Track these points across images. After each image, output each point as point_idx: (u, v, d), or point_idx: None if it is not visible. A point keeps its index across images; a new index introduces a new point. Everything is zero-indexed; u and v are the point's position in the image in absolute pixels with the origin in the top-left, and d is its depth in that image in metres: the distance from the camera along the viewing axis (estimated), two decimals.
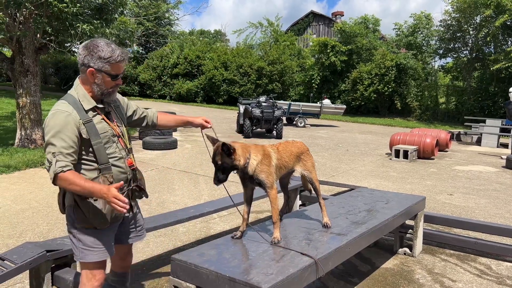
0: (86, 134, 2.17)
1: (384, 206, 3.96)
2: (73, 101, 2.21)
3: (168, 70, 32.24)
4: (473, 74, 23.99)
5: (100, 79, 2.21)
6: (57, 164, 2.09)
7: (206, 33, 49.01)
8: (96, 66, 2.18)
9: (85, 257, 2.27)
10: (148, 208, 5.67)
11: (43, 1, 8.30)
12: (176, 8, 28.61)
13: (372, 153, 11.63)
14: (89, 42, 2.23)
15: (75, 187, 2.12)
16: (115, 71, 2.23)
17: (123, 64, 2.27)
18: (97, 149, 2.21)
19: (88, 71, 2.19)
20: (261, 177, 2.72)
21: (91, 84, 2.24)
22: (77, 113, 2.17)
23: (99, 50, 2.18)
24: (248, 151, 2.70)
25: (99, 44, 2.20)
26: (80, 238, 2.26)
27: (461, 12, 22.17)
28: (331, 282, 3.64)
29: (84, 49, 2.20)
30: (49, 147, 2.13)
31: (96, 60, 2.17)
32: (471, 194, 7.18)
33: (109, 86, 2.25)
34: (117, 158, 2.30)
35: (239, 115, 14.89)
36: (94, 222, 2.22)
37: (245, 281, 2.19)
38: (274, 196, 2.76)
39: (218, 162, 2.57)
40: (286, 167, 3.01)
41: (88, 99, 2.24)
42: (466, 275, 3.87)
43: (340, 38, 27.35)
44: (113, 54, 2.20)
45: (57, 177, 2.10)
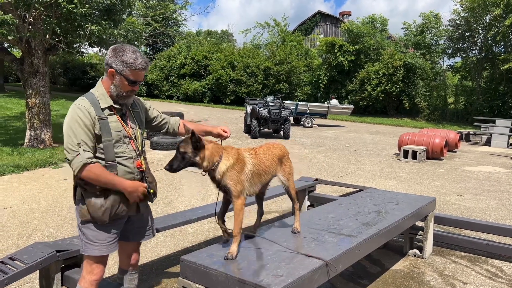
0: (98, 130, 2.26)
1: (394, 207, 3.92)
2: (92, 98, 2.32)
3: (175, 71, 32.36)
4: (483, 74, 23.76)
5: (118, 81, 2.32)
6: (85, 154, 2.19)
7: (213, 34, 49.09)
8: (117, 68, 2.30)
9: (87, 250, 2.37)
10: (156, 208, 5.67)
11: (53, 2, 8.36)
12: (183, 9, 28.65)
13: (380, 153, 11.56)
14: (118, 45, 2.37)
15: (102, 179, 2.24)
16: (133, 77, 2.33)
17: (143, 73, 2.37)
18: (105, 146, 2.28)
19: (109, 71, 2.32)
20: (228, 184, 2.49)
21: (110, 84, 2.35)
22: (93, 109, 2.27)
23: (123, 54, 2.30)
24: (218, 154, 2.48)
25: (126, 49, 2.32)
26: (84, 231, 2.36)
27: (470, 11, 21.97)
28: (341, 284, 3.61)
29: (112, 50, 2.34)
30: (71, 138, 2.20)
31: (118, 62, 2.29)
32: (481, 195, 7.10)
33: (125, 89, 2.34)
34: (125, 158, 2.36)
35: (246, 115, 14.89)
36: (94, 217, 2.29)
37: (255, 283, 2.17)
38: (239, 207, 2.49)
39: (180, 149, 2.44)
40: (267, 172, 2.74)
41: (106, 98, 2.34)
42: (478, 277, 3.82)
43: (347, 38, 27.24)
44: (135, 61, 2.31)
45: (84, 168, 2.19)
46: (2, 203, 5.81)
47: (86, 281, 2.41)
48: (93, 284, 2.42)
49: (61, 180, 7.16)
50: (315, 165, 9.38)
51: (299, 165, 9.36)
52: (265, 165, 2.72)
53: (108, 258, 2.48)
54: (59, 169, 8.05)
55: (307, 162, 9.74)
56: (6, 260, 2.69)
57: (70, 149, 2.20)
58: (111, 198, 2.31)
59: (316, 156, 10.64)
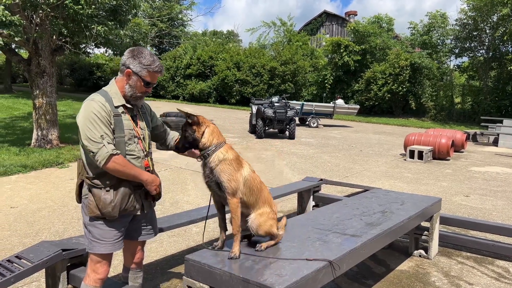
0: (113, 125, 2.32)
1: (399, 208, 3.90)
2: (106, 95, 2.37)
3: (181, 71, 32.43)
4: (490, 74, 23.57)
5: (134, 82, 2.38)
6: (109, 146, 2.24)
7: (218, 34, 49.13)
8: (135, 69, 2.37)
9: (93, 248, 2.39)
10: (162, 208, 5.70)
11: (59, 3, 8.42)
12: (189, 9, 28.76)
13: (386, 153, 11.52)
14: (136, 48, 2.45)
15: (127, 170, 2.30)
16: (149, 79, 2.40)
17: (158, 75, 2.45)
18: (117, 142, 2.33)
19: (126, 71, 2.38)
20: (222, 177, 2.44)
21: (125, 84, 2.40)
22: (109, 105, 2.33)
23: (141, 57, 2.37)
24: (218, 140, 2.50)
25: (144, 52, 2.41)
26: (90, 229, 2.39)
27: (477, 10, 21.80)
28: (345, 284, 3.61)
29: (130, 52, 2.41)
30: (92, 131, 2.23)
31: (136, 64, 2.36)
32: (488, 195, 7.05)
33: (139, 90, 2.41)
34: (134, 157, 2.42)
35: (252, 116, 14.89)
36: (103, 212, 2.31)
37: (259, 282, 2.18)
38: (234, 206, 2.47)
39: (183, 128, 2.55)
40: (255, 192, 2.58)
41: (119, 97, 2.40)
42: (484, 278, 3.80)
43: (353, 37, 27.15)
44: (153, 63, 2.39)
45: (110, 159, 2.23)
46: (9, 202, 5.86)
47: (91, 279, 2.44)
48: (98, 282, 2.44)
49: (67, 180, 7.21)
50: (321, 165, 9.36)
51: (304, 165, 9.35)
52: (258, 181, 2.63)
53: (113, 256, 2.51)
54: (65, 169, 8.11)
55: (312, 162, 9.72)
56: (13, 259, 2.72)
57: (93, 142, 2.22)
58: (120, 193, 2.35)
59: (321, 156, 10.62)
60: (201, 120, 2.54)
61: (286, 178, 7.82)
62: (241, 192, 2.50)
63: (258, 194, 2.62)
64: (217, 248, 2.63)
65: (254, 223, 2.59)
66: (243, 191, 2.52)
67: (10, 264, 2.66)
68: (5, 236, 4.57)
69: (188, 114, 2.51)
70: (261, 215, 2.61)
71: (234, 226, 2.52)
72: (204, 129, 2.52)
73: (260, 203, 2.63)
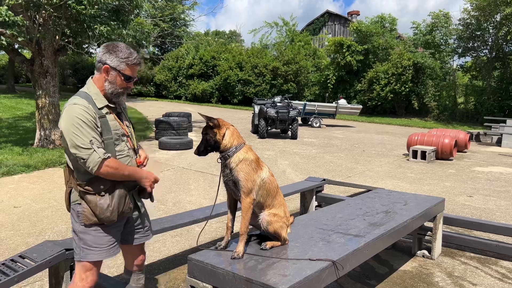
0: (100, 128, 2.23)
1: (402, 208, 3.89)
2: (86, 97, 2.26)
3: (183, 71, 32.48)
4: (493, 73, 23.49)
5: (113, 77, 2.29)
6: (99, 150, 2.16)
7: (221, 34, 49.16)
8: (112, 64, 2.27)
9: (86, 256, 2.29)
10: (164, 207, 5.70)
11: (62, 4, 8.44)
12: (191, 9, 28.73)
13: (389, 153, 11.49)
14: (110, 43, 2.35)
15: (124, 172, 2.25)
16: (129, 72, 2.31)
17: (137, 68, 2.36)
18: (107, 144, 2.25)
19: (104, 67, 2.28)
20: (240, 176, 2.49)
21: (104, 82, 2.30)
22: (92, 107, 2.22)
23: (118, 50, 2.28)
24: (238, 141, 2.55)
25: (119, 45, 2.31)
26: (83, 237, 2.28)
27: (481, 10, 21.73)
28: (348, 284, 3.60)
29: (104, 47, 2.31)
30: (81, 137, 2.14)
31: (113, 58, 2.27)
32: (492, 196, 7.03)
33: (120, 86, 2.32)
34: (124, 156, 2.35)
35: (254, 116, 14.89)
36: (102, 217, 2.23)
37: (262, 282, 2.17)
38: (247, 206, 2.50)
39: (203, 132, 2.56)
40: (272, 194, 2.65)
41: (101, 98, 2.30)
42: (487, 278, 3.78)
43: (356, 37, 27.11)
44: (130, 56, 2.30)
45: (103, 164, 2.15)
46: (12, 202, 5.88)
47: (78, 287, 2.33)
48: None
49: None
50: (323, 165, 9.35)
51: (307, 165, 9.34)
52: (275, 185, 2.71)
53: (102, 263, 2.41)
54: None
55: (315, 162, 9.71)
56: (16, 258, 2.72)
57: (82, 148, 2.13)
58: (116, 196, 2.27)
59: (324, 156, 10.61)
60: (221, 122, 2.55)
61: (289, 178, 7.81)
62: (256, 193, 2.55)
63: (274, 197, 2.68)
64: (220, 248, 2.63)
65: (265, 219, 2.64)
66: (260, 192, 2.57)
67: (14, 264, 2.66)
68: (9, 236, 4.58)
69: (209, 117, 2.51)
70: (274, 215, 2.66)
71: (242, 226, 2.53)
72: (225, 131, 2.54)
73: (276, 206, 2.70)
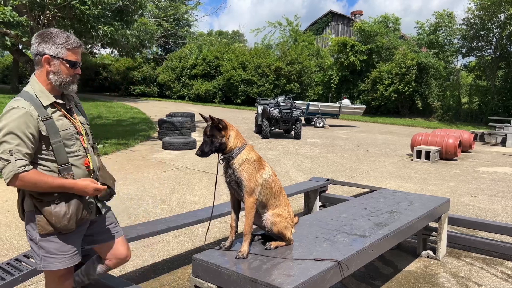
0: (45, 132, 2.03)
1: (407, 208, 3.88)
2: (30, 97, 2.05)
3: (186, 71, 32.53)
4: (498, 73, 23.38)
5: (57, 67, 2.09)
6: (17, 162, 1.94)
7: (224, 34, 49.21)
8: (52, 52, 2.07)
9: (49, 265, 2.14)
10: (168, 207, 5.71)
11: (66, 4, 8.47)
12: (194, 9, 28.79)
13: (393, 154, 11.46)
14: (42, 31, 2.13)
15: (50, 184, 2.02)
16: (72, 57, 2.12)
17: (79, 51, 2.16)
18: (56, 148, 2.06)
19: (43, 58, 2.07)
20: (242, 177, 2.49)
21: (48, 75, 2.10)
22: (35, 109, 2.02)
23: (53, 36, 2.08)
24: (241, 142, 2.56)
25: (53, 31, 2.11)
26: (43, 245, 2.12)
27: (485, 10, 21.63)
28: (353, 284, 3.58)
29: (37, 37, 2.09)
30: (4, 145, 1.94)
31: (51, 45, 2.07)
32: (497, 196, 6.99)
33: (67, 75, 2.12)
34: (80, 157, 2.18)
35: (257, 116, 14.88)
36: (59, 227, 2.07)
37: (267, 282, 2.17)
38: (250, 205, 2.50)
39: (208, 133, 2.52)
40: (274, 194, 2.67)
41: (47, 95, 2.10)
42: (493, 279, 3.76)
43: (359, 37, 27.06)
44: (69, 39, 2.10)
45: (16, 178, 1.94)
46: None
47: None
48: None
49: None
50: (327, 166, 9.33)
51: (310, 165, 9.33)
52: (278, 185, 2.71)
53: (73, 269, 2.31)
54: None
55: (318, 163, 9.70)
56: (21, 258, 2.73)
57: (0, 157, 1.94)
58: (73, 202, 2.11)
59: (327, 157, 10.59)
60: (228, 124, 2.56)
61: (292, 178, 7.80)
62: (259, 192, 2.55)
63: (277, 197, 2.69)
64: (225, 248, 2.62)
65: (270, 219, 2.64)
66: (262, 192, 2.57)
67: (19, 263, 2.67)
68: (14, 235, 4.59)
69: (218, 119, 2.50)
70: (278, 216, 2.66)
71: (246, 226, 2.53)
72: (230, 133, 2.54)
73: (280, 206, 2.70)
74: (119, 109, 21.22)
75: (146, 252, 4.19)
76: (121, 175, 7.60)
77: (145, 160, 9.15)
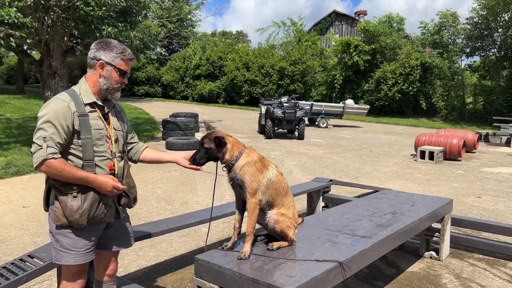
0: (78, 126, 2.16)
1: (410, 209, 3.87)
2: (74, 94, 2.22)
3: (190, 71, 32.59)
4: (502, 73, 23.26)
5: (108, 72, 2.25)
6: (48, 149, 2.07)
7: (228, 34, 49.25)
8: (107, 59, 2.24)
9: (61, 259, 2.22)
10: (171, 208, 5.73)
11: (70, 5, 8.51)
12: (198, 9, 28.83)
13: (397, 154, 11.43)
14: (102, 40, 2.32)
15: (73, 175, 2.11)
16: (124, 67, 2.29)
17: (131, 63, 2.34)
18: (84, 144, 2.18)
19: (98, 63, 2.24)
20: (244, 178, 2.49)
21: (98, 78, 2.26)
22: (74, 104, 2.17)
23: (112, 46, 2.27)
24: (238, 150, 2.54)
25: (112, 42, 2.30)
26: (58, 238, 2.22)
27: (489, 9, 21.54)
28: (355, 285, 3.58)
29: (97, 44, 2.28)
30: (40, 131, 2.09)
31: (108, 53, 2.25)
32: (501, 197, 6.96)
33: (115, 82, 2.28)
34: (105, 158, 2.26)
35: (261, 116, 14.89)
36: (71, 220, 2.15)
37: (268, 283, 2.17)
38: (253, 206, 2.50)
39: (204, 144, 2.52)
40: (281, 193, 2.66)
41: (89, 94, 2.25)
42: (496, 280, 3.75)
43: (363, 37, 27.01)
44: (125, 51, 2.29)
45: (44, 163, 2.06)
46: (21, 202, 5.94)
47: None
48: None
49: None
50: (330, 166, 9.33)
51: (313, 165, 9.33)
52: (285, 185, 2.70)
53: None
54: None
55: (321, 163, 9.69)
56: (25, 258, 2.75)
57: (35, 142, 2.09)
58: (89, 199, 2.18)
59: (331, 157, 10.58)
60: (226, 140, 2.52)
61: (296, 178, 7.80)
62: (263, 193, 2.55)
63: (284, 196, 2.68)
64: (227, 248, 2.63)
65: (273, 218, 2.64)
66: (268, 192, 2.57)
67: (23, 263, 2.69)
68: (18, 235, 4.62)
69: (219, 137, 2.47)
70: (282, 215, 2.66)
71: (248, 226, 2.53)
72: (226, 147, 2.52)
73: (285, 205, 2.69)
74: None
75: (149, 252, 4.21)
76: None
77: None
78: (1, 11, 7.73)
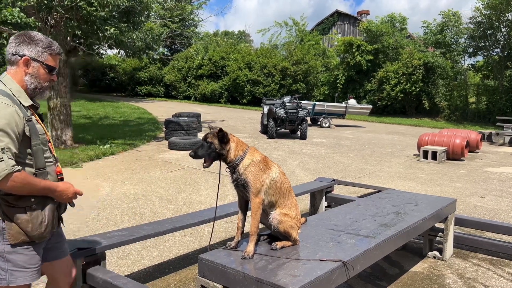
0: (28, 132, 1.92)
1: (413, 209, 3.87)
2: (8, 95, 1.91)
3: (192, 71, 32.60)
4: (505, 73, 23.18)
5: (35, 70, 1.99)
6: (9, 162, 1.79)
7: (230, 34, 49.26)
8: (33, 55, 1.98)
9: (16, 280, 1.94)
10: (174, 207, 5.73)
11: (73, 5, 8.54)
12: (199, 9, 28.85)
13: (399, 154, 11.41)
14: (23, 32, 2.04)
15: (36, 186, 1.91)
16: (52, 63, 2.04)
17: (59, 58, 2.10)
18: (35, 151, 1.96)
19: (22, 59, 1.96)
20: (248, 178, 2.50)
21: (23, 77, 1.98)
22: (18, 108, 1.90)
23: (37, 40, 2.00)
24: (243, 149, 2.57)
25: (37, 34, 2.03)
26: (10, 258, 1.93)
27: (492, 9, 21.48)
28: (359, 285, 3.58)
29: (18, 38, 2.00)
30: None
31: (32, 48, 1.98)
32: (504, 196, 6.94)
33: (44, 79, 2.03)
34: (51, 164, 2.08)
35: (263, 116, 14.89)
36: (34, 234, 1.94)
37: (272, 282, 2.17)
38: (256, 206, 2.51)
39: (208, 139, 2.53)
40: (284, 194, 2.68)
41: (25, 96, 1.98)
42: (500, 280, 3.74)
43: (366, 37, 26.97)
44: (52, 45, 2.04)
45: (8, 178, 1.79)
46: None
47: None
48: None
49: (81, 180, 7.30)
50: (333, 166, 9.32)
51: (316, 165, 9.32)
52: (287, 185, 2.71)
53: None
54: (79, 169, 8.20)
55: (324, 163, 9.68)
56: None
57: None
58: (48, 209, 1.99)
59: (333, 157, 10.57)
60: (230, 137, 2.55)
61: (298, 178, 7.80)
62: (266, 193, 2.56)
63: (286, 196, 2.70)
64: (230, 248, 2.64)
65: (276, 218, 2.65)
66: (270, 192, 2.59)
67: None
68: None
69: (223, 133, 2.50)
70: (285, 215, 2.66)
71: (252, 226, 2.54)
72: (230, 146, 2.54)
73: (288, 206, 2.70)
74: (126, 110, 21.34)
75: (152, 252, 4.22)
76: (127, 175, 7.65)
77: (152, 160, 9.20)
78: (4, 11, 7.75)
